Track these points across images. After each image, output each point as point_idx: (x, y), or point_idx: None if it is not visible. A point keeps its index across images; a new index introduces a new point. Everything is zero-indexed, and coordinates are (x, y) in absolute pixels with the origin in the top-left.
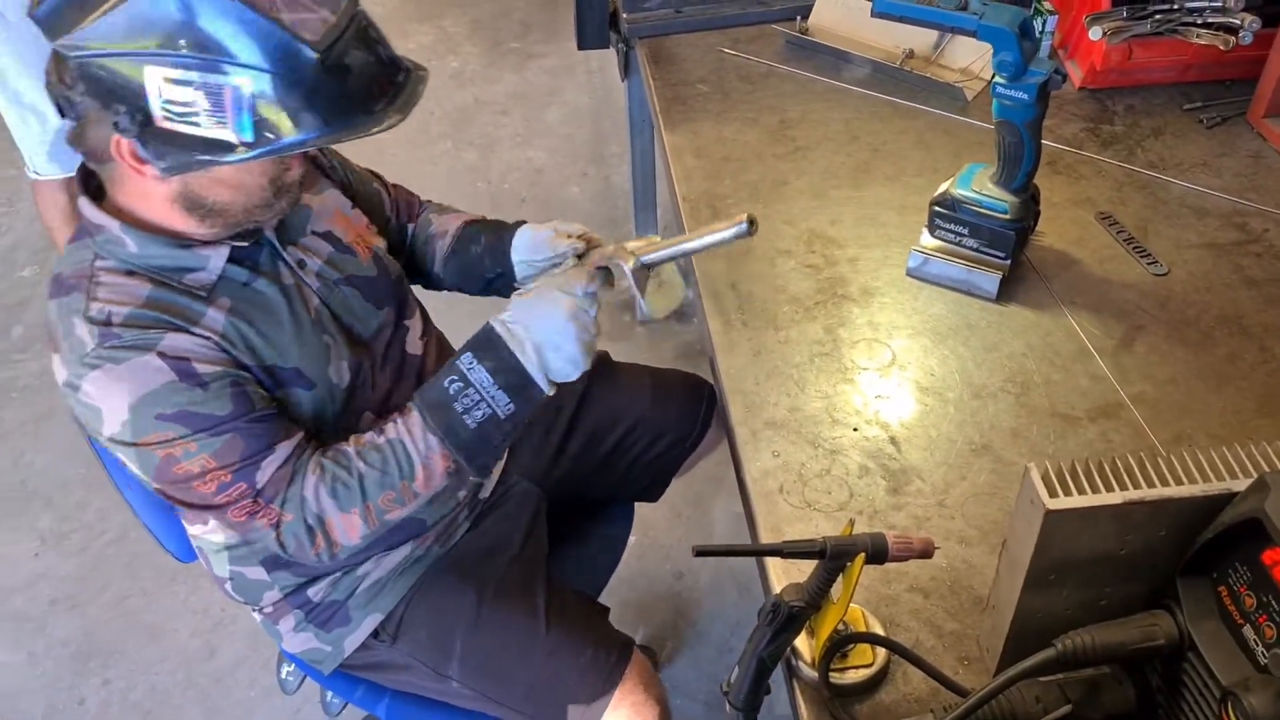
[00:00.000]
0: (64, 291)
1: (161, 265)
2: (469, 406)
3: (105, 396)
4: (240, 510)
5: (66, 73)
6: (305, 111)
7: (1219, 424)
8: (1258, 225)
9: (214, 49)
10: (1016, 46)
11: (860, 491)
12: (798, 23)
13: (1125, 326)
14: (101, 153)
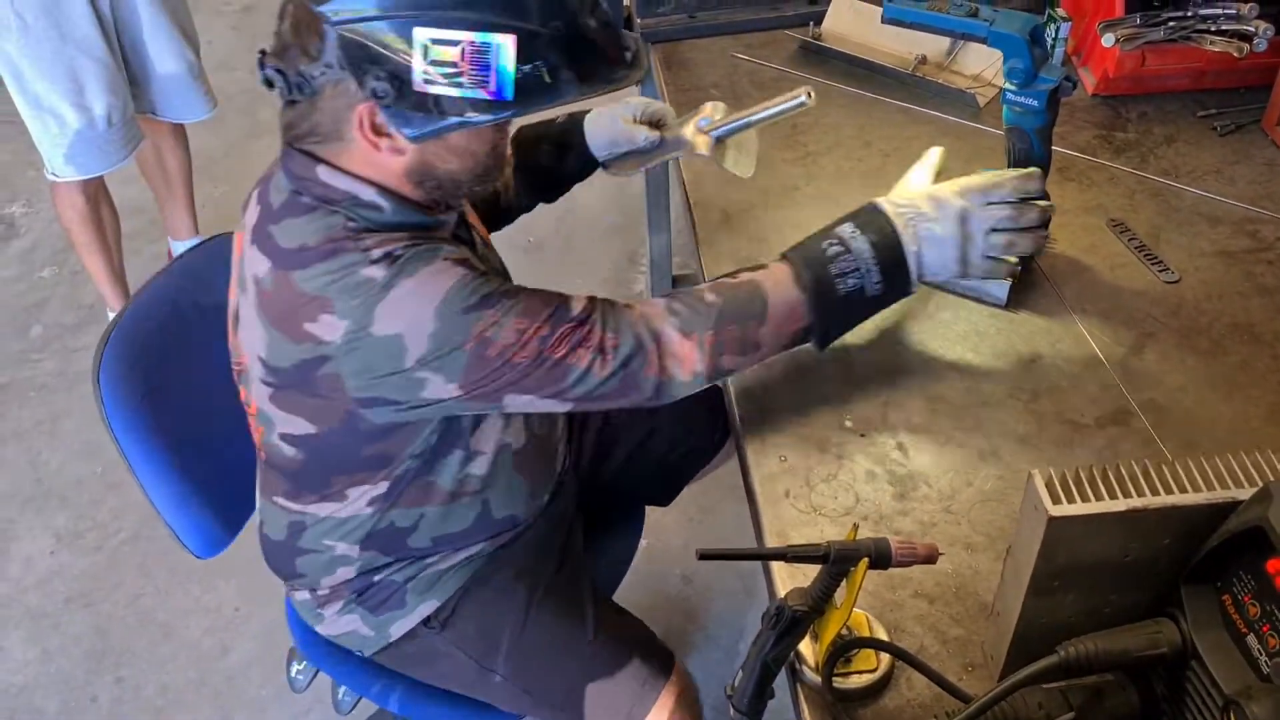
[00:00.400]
0: (325, 256)
1: (410, 225)
2: (844, 271)
3: (405, 315)
4: (561, 344)
5: (316, 44)
6: (563, 68)
7: (1229, 432)
8: (1270, 233)
9: (483, 6)
10: (1027, 53)
11: (867, 496)
12: (810, 29)
13: (1135, 334)
14: (331, 128)
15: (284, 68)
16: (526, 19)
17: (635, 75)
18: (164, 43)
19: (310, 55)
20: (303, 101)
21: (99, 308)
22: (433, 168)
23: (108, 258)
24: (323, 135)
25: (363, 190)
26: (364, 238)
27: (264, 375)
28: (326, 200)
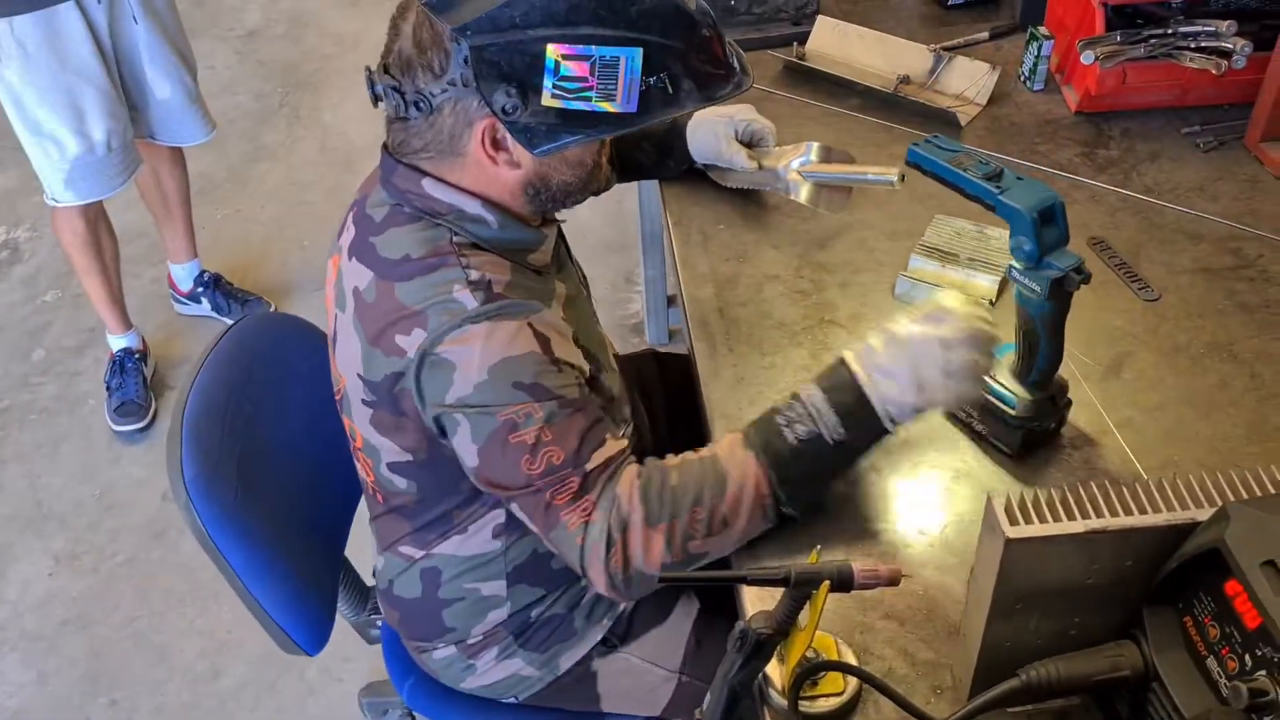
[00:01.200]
0: (428, 269)
1: (513, 243)
2: (792, 419)
3: (467, 355)
4: (564, 493)
5: (441, 60)
6: (684, 78)
7: (1207, 451)
8: (1252, 250)
9: (612, 21)
10: (1033, 233)
11: (839, 517)
12: (795, 48)
13: (1114, 353)
14: (447, 144)
15: (401, 84)
16: (652, 32)
17: (747, 82)
18: (162, 67)
19: (434, 72)
20: (418, 118)
21: (100, 331)
22: (548, 179)
23: (107, 282)
24: (436, 151)
25: (468, 204)
26: (468, 254)
27: (363, 393)
28: (430, 213)
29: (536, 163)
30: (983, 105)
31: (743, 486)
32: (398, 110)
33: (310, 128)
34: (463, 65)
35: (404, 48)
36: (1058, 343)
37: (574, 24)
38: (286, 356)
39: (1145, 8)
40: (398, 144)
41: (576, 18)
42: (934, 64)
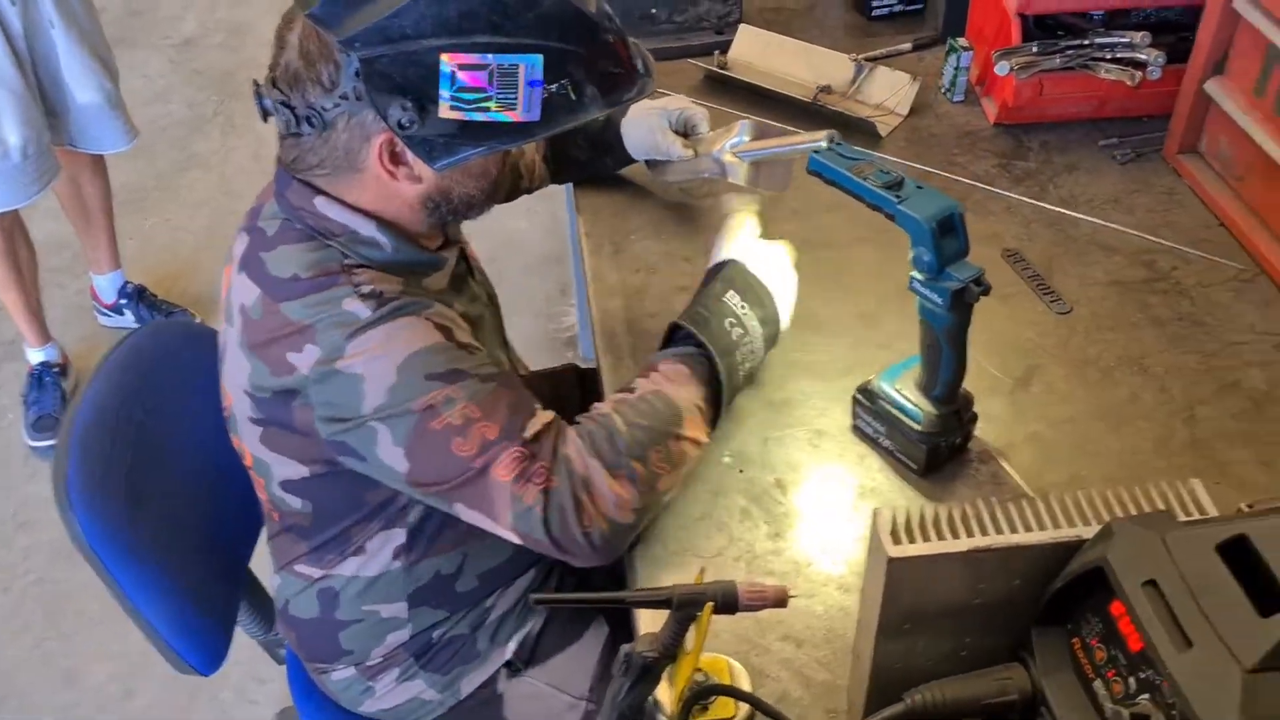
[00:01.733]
0: (316, 288)
1: (409, 266)
2: (748, 356)
3: (372, 360)
4: (508, 466)
5: (331, 74)
6: (587, 84)
7: (1115, 466)
8: (1166, 263)
9: (509, 28)
10: (932, 244)
11: (740, 535)
12: (716, 57)
13: (1024, 365)
14: (343, 160)
15: (290, 99)
16: (551, 38)
17: (651, 84)
18: (80, 73)
19: (324, 86)
20: (310, 133)
21: (19, 343)
22: (449, 193)
23: (24, 294)
24: (332, 167)
25: (362, 225)
26: (358, 273)
27: (251, 411)
28: (323, 233)
29: (438, 176)
30: (903, 116)
31: (700, 420)
32: (288, 126)
33: (244, 136)
34: (354, 78)
35: (291, 61)
36: (961, 355)
37: (468, 32)
38: (186, 366)
39: (1064, 19)
40: (291, 160)
41: (470, 26)
42: (855, 74)
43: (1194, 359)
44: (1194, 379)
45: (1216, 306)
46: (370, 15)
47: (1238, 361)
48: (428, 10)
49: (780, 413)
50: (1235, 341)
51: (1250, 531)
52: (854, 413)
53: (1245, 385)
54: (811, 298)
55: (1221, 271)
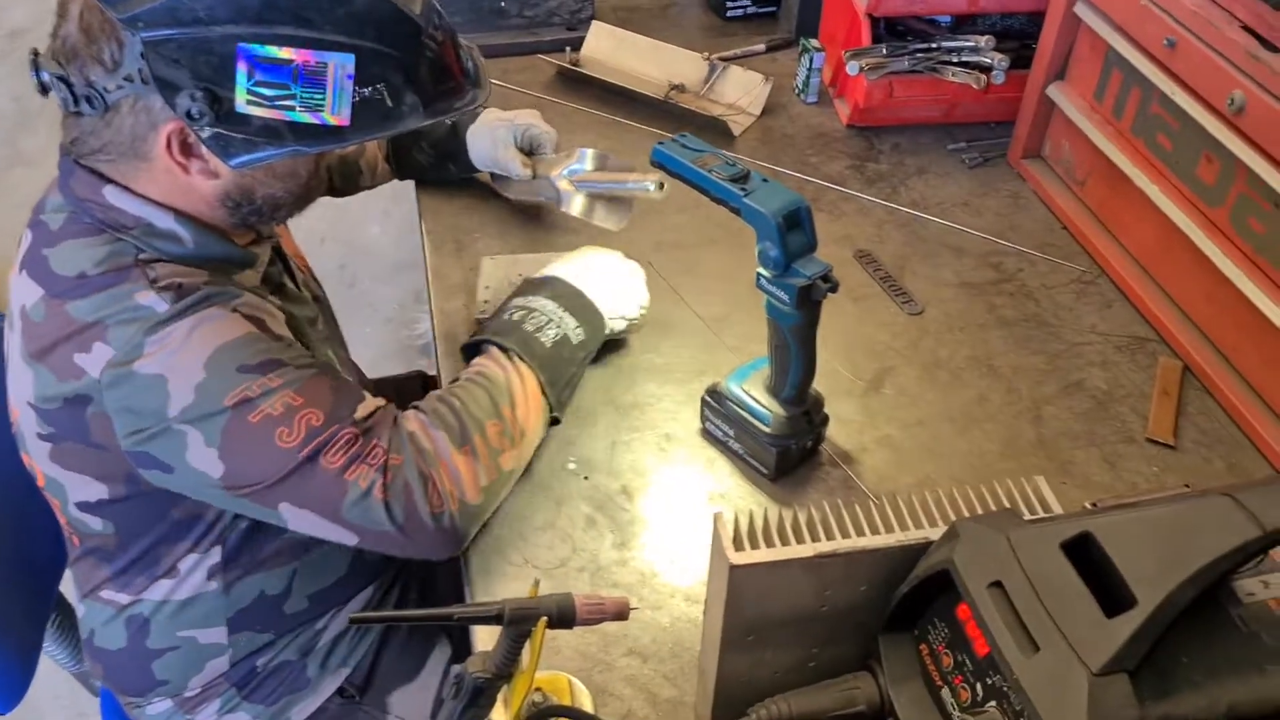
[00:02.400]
0: (106, 285)
1: (215, 259)
2: (540, 325)
3: (175, 358)
4: (338, 451)
5: (113, 52)
6: (406, 90)
7: (963, 467)
8: (1013, 265)
9: (318, 22)
10: (779, 239)
11: (584, 546)
12: (568, 54)
13: (876, 367)
14: (129, 146)
15: (69, 75)
16: (366, 36)
17: (483, 96)
18: None
19: (105, 65)
20: (92, 114)
21: None
22: (251, 192)
23: None
24: (117, 154)
25: (158, 217)
26: (155, 267)
27: (38, 426)
28: (114, 226)
29: (236, 174)
30: (756, 115)
31: (525, 390)
32: (66, 105)
33: None
34: (139, 59)
35: (70, 33)
36: (810, 355)
37: (270, 22)
38: None
39: (912, 24)
40: (71, 141)
41: (273, 15)
42: (709, 73)
43: (1040, 360)
44: (1040, 379)
45: (1060, 308)
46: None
47: (1081, 362)
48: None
49: (628, 416)
50: (1078, 342)
51: (1094, 529)
52: (703, 416)
53: (1088, 385)
54: (661, 299)
55: (1065, 273)
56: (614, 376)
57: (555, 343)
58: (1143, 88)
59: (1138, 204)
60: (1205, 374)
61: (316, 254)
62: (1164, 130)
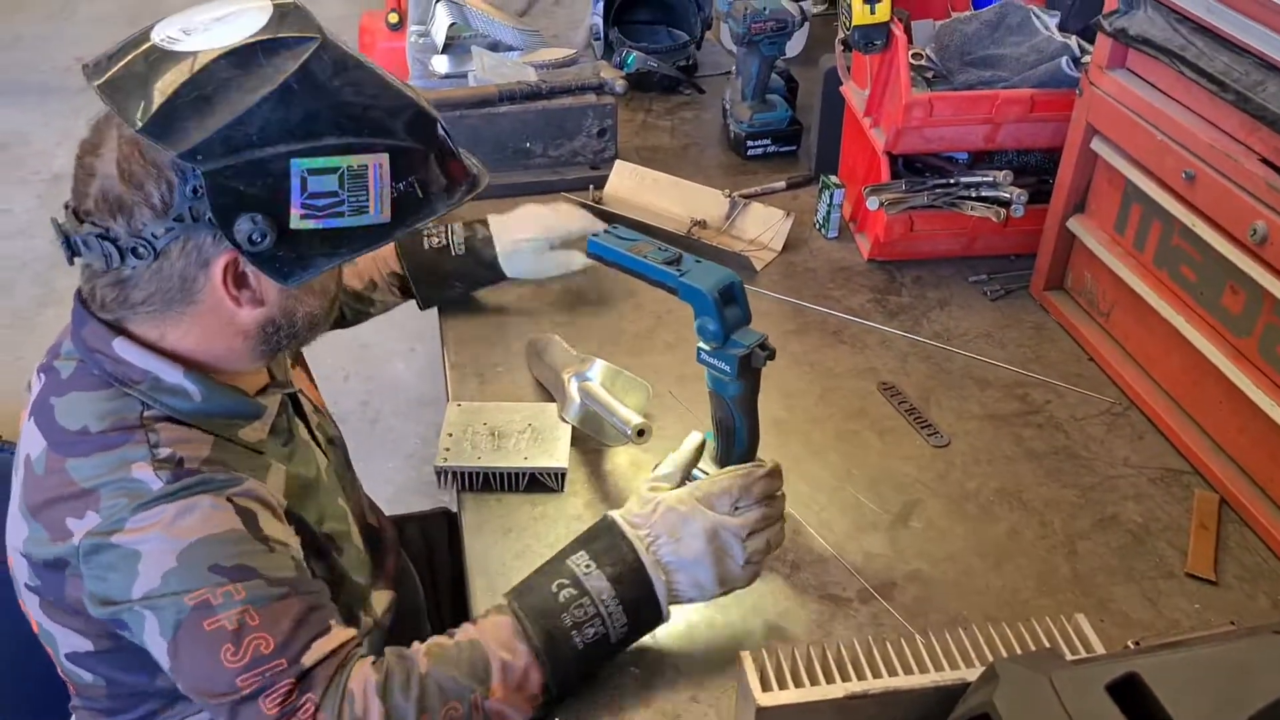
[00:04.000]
0: (107, 445)
1: (221, 415)
2: (580, 620)
3: (153, 541)
4: (276, 700)
5: (167, 194)
6: (431, 179)
7: (997, 604)
8: (1039, 396)
9: (354, 127)
10: (716, 313)
11: (606, 682)
12: (591, 192)
13: (903, 500)
14: (178, 292)
15: (110, 230)
16: (396, 135)
17: (485, 179)
18: None
19: (155, 209)
20: (138, 266)
21: None
22: (293, 313)
23: None
24: (162, 302)
25: (166, 371)
26: (158, 429)
27: (28, 577)
28: (121, 380)
29: (283, 296)
30: (778, 251)
31: (517, 684)
32: (109, 261)
33: None
34: (191, 197)
35: (110, 187)
36: (753, 423)
37: (316, 135)
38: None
39: (930, 160)
40: (111, 300)
41: (317, 128)
42: (730, 209)
43: (1072, 493)
44: (1072, 513)
45: (1091, 440)
46: (210, 124)
47: (1115, 495)
48: (273, 114)
49: None
50: (1111, 475)
51: (1141, 670)
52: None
53: (1123, 519)
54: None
55: (1093, 405)
56: None
57: (590, 644)
58: (1163, 220)
59: (1164, 335)
60: (1243, 506)
61: (339, 391)
62: (1187, 262)
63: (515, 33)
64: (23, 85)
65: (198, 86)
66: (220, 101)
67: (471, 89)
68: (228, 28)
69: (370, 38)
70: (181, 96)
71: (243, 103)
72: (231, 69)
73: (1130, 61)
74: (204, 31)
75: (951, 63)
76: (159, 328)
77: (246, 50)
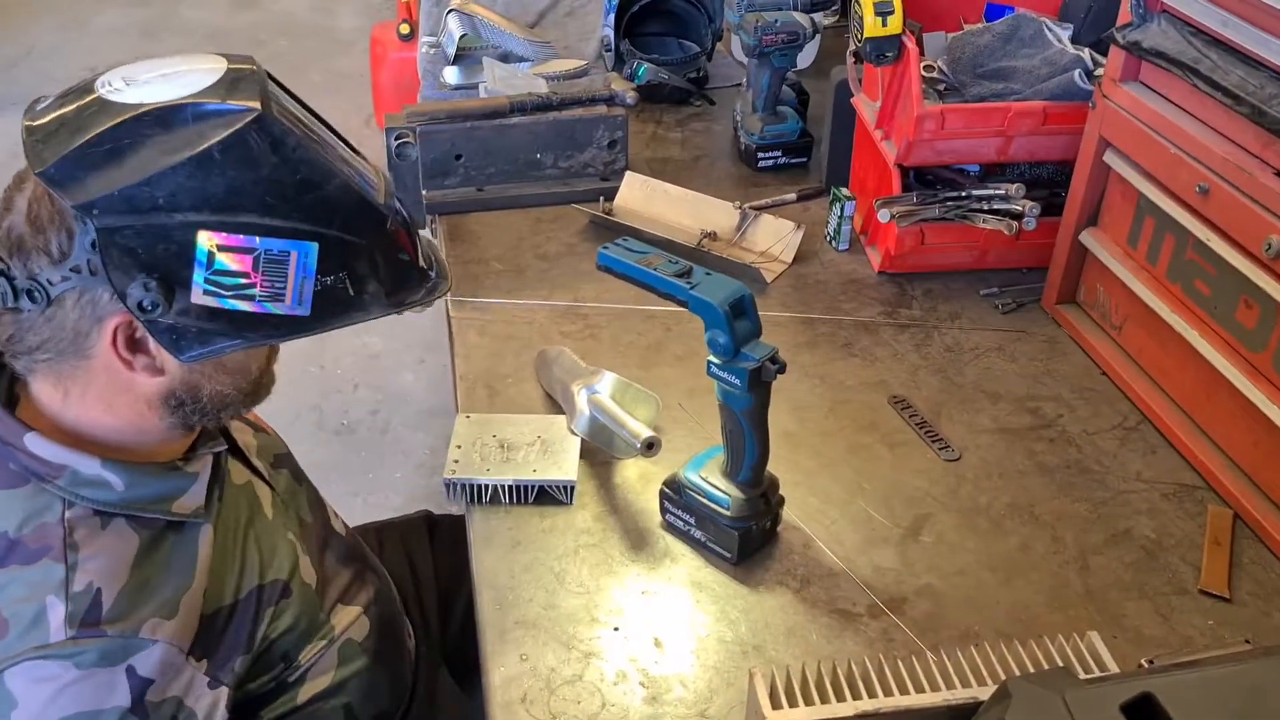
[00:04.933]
0: (21, 558)
1: (149, 499)
2: None
3: (33, 696)
4: None
5: (62, 243)
6: (369, 278)
7: (1008, 620)
8: (1051, 410)
9: (284, 210)
10: (726, 326)
11: (614, 700)
12: (601, 203)
13: (914, 515)
14: (69, 344)
15: (9, 269)
16: (331, 226)
17: (444, 286)
18: None
19: (51, 256)
20: (32, 310)
21: None
22: (197, 389)
23: None
24: (55, 351)
25: (83, 464)
26: (77, 540)
27: None
28: (39, 475)
29: (184, 369)
30: (789, 263)
31: None
32: (4, 300)
33: None
34: (89, 250)
35: (15, 224)
36: (763, 436)
37: (233, 209)
38: None
39: (941, 173)
40: (6, 339)
41: (238, 203)
42: (741, 221)
43: (1084, 507)
44: (1085, 528)
45: (1103, 454)
46: (116, 180)
47: (1127, 510)
48: (188, 181)
49: (657, 563)
50: (1123, 490)
51: (1155, 690)
52: (662, 508)
53: (1136, 534)
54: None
55: (1106, 419)
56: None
57: None
58: (1177, 234)
59: (1178, 349)
60: (1257, 522)
61: (349, 400)
62: (1201, 276)
63: (526, 44)
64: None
65: (114, 139)
66: (132, 158)
67: (482, 100)
68: (170, 84)
69: (382, 49)
70: (94, 146)
71: (156, 163)
72: (154, 126)
73: (1144, 74)
74: (145, 85)
75: (964, 75)
76: (61, 384)
77: (175, 110)
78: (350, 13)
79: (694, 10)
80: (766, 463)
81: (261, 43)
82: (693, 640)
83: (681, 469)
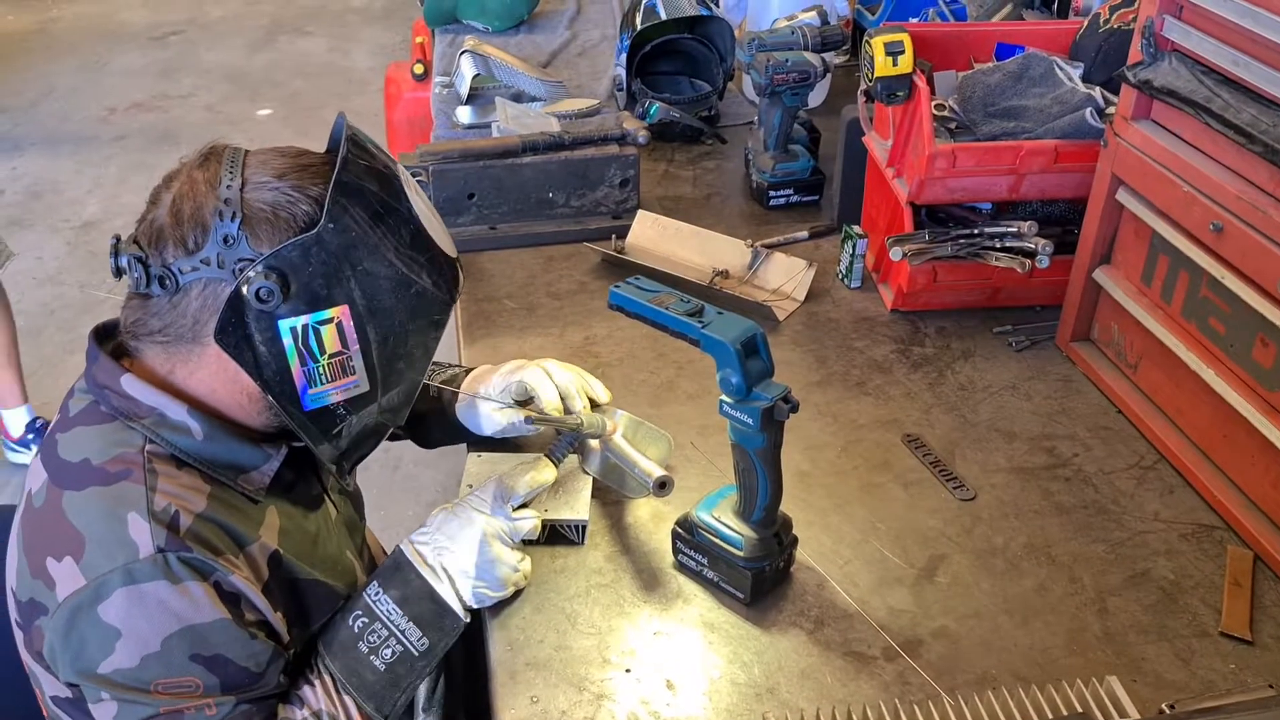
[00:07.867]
0: (105, 479)
1: (223, 460)
2: (376, 645)
3: (136, 619)
4: None
5: (200, 237)
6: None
7: (1026, 663)
8: (1067, 450)
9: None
10: (739, 365)
11: None
12: (613, 242)
13: (928, 555)
14: (187, 330)
15: (146, 256)
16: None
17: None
18: None
19: (186, 248)
20: (160, 295)
21: None
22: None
23: None
24: (174, 335)
25: (171, 408)
26: (159, 469)
27: (15, 612)
28: (126, 414)
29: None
30: (800, 301)
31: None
32: (138, 284)
33: None
34: (221, 245)
35: (159, 218)
36: (776, 476)
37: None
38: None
39: (953, 211)
40: (132, 322)
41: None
42: (752, 259)
43: (1102, 548)
44: (1103, 569)
45: (1120, 494)
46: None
47: (1145, 551)
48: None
49: (669, 604)
50: (1141, 530)
51: None
52: (675, 548)
53: (1155, 575)
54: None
55: (1122, 459)
56: (657, 567)
57: (391, 664)
58: (1191, 272)
59: (1193, 387)
60: (1278, 563)
61: None
62: (1215, 314)
63: (539, 83)
64: (56, 135)
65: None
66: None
67: (495, 139)
68: None
69: (396, 88)
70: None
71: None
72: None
73: (1155, 113)
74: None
75: (975, 114)
76: (169, 362)
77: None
78: (365, 53)
79: (705, 50)
80: (780, 502)
81: (279, 84)
82: (705, 682)
83: (694, 509)
